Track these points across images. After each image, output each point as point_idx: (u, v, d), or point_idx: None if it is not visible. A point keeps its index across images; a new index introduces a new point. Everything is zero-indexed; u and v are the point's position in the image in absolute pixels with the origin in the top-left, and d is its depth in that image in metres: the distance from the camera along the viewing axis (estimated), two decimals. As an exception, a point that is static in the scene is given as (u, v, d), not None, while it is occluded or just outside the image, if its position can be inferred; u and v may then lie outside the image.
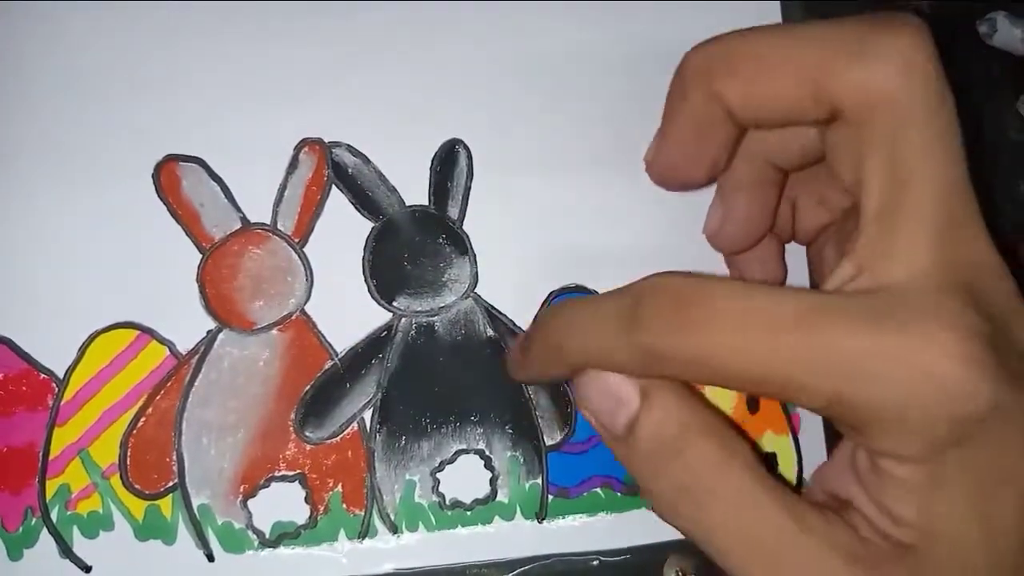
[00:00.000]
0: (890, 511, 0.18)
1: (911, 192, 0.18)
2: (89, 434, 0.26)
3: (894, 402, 0.17)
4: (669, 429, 0.20)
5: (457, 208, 0.28)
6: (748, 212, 0.25)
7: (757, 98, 0.21)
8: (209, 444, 0.26)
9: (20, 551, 0.25)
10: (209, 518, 0.26)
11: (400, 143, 0.28)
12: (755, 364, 0.18)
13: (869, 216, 0.19)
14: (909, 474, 0.18)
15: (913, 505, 0.18)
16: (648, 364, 0.19)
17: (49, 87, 0.28)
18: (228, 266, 0.27)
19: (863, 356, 0.17)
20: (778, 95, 0.20)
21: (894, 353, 0.17)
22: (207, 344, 0.27)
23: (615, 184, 0.29)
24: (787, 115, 0.21)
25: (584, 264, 0.29)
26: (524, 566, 0.27)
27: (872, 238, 0.19)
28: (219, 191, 0.28)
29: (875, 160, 0.19)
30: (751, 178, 0.25)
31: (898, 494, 0.18)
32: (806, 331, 0.17)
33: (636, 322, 0.19)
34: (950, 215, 0.18)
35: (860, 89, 0.19)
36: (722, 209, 0.26)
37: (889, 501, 0.18)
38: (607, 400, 0.20)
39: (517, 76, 0.29)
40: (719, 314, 0.18)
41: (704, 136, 0.22)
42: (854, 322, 0.17)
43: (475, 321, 0.28)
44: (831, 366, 0.17)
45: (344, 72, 0.29)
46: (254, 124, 0.28)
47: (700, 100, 0.22)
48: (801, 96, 0.20)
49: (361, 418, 0.27)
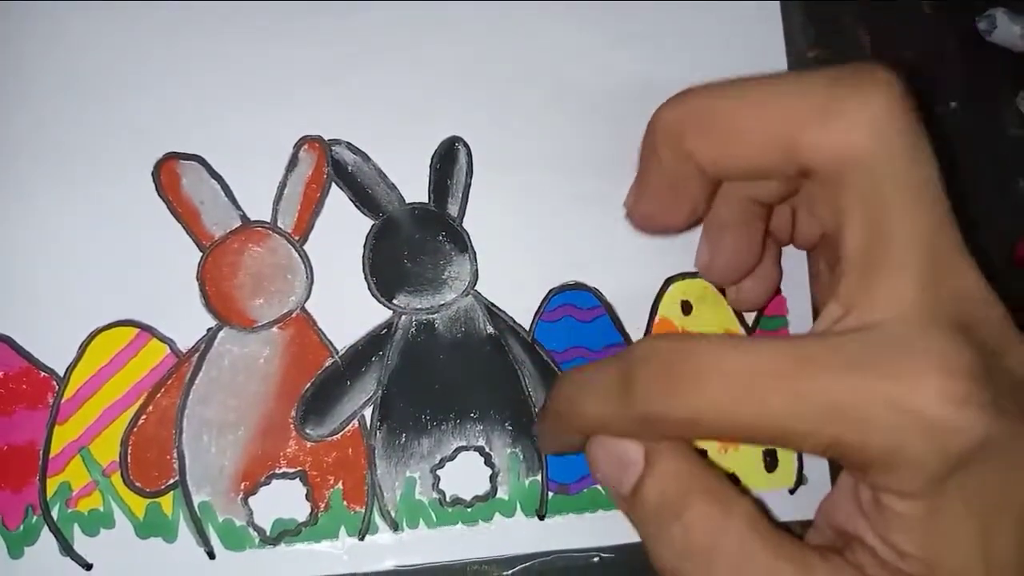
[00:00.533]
0: (895, 545, 0.19)
1: (892, 240, 0.19)
2: (90, 432, 0.26)
3: (888, 444, 0.17)
4: (671, 492, 0.20)
5: (457, 206, 0.28)
6: (735, 248, 0.26)
7: (728, 159, 0.21)
8: (210, 442, 0.26)
9: (21, 549, 0.25)
10: (210, 515, 0.26)
11: (400, 141, 0.28)
12: (748, 418, 0.18)
13: (851, 262, 0.19)
14: (910, 509, 0.18)
15: (916, 539, 0.18)
16: (645, 429, 0.20)
17: (49, 86, 0.28)
18: (228, 264, 0.27)
19: (854, 402, 0.17)
20: (749, 156, 0.21)
21: (884, 397, 0.17)
22: (207, 342, 0.27)
23: (615, 181, 0.29)
24: (759, 173, 0.21)
25: (584, 262, 0.29)
26: (524, 563, 0.27)
27: (855, 282, 0.19)
28: (219, 189, 0.28)
29: (852, 214, 0.19)
30: (735, 217, 0.25)
31: (901, 528, 0.18)
32: (795, 381, 0.18)
33: (629, 391, 0.19)
34: (933, 255, 0.19)
35: (830, 149, 0.19)
36: (709, 247, 0.26)
37: (893, 535, 0.19)
38: (613, 464, 0.21)
39: (517, 74, 0.29)
40: (708, 375, 0.18)
41: (678, 190, 0.23)
42: (842, 369, 0.18)
43: (475, 318, 0.28)
44: (823, 413, 0.17)
45: (344, 70, 0.29)
46: (254, 122, 0.28)
47: (671, 158, 0.22)
48: (772, 156, 0.20)
49: (361, 415, 0.27)
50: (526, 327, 0.28)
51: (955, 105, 0.32)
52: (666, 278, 0.29)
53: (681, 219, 0.24)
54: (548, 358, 0.28)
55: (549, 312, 0.28)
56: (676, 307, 0.29)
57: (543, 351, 0.28)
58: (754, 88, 0.21)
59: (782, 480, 0.29)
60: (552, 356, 0.28)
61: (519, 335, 0.28)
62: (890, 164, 0.19)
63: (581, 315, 0.28)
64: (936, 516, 0.18)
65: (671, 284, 0.29)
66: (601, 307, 0.29)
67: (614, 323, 0.29)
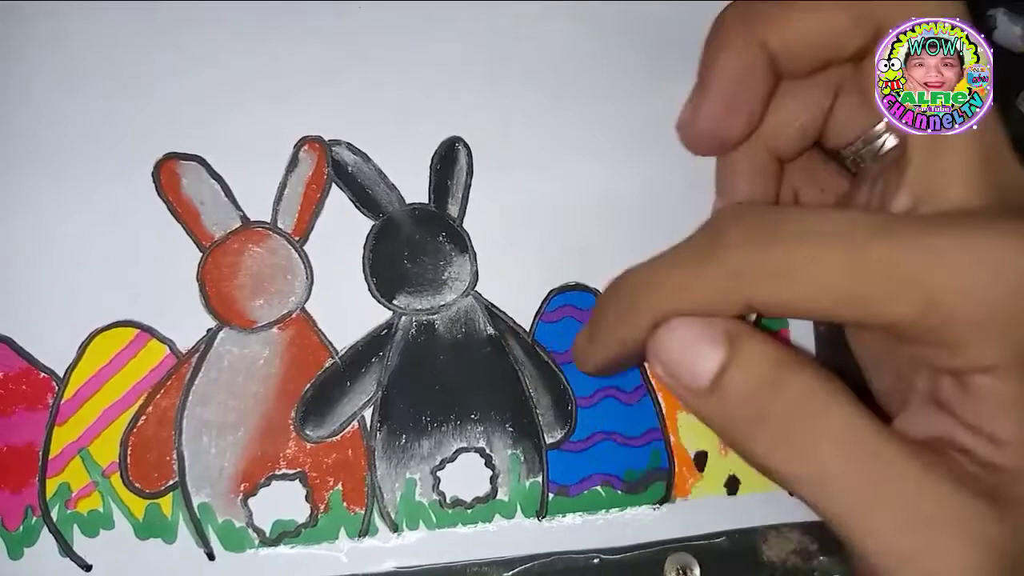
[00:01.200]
0: (989, 433, 0.18)
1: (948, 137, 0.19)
2: (89, 433, 0.26)
3: (987, 303, 0.17)
4: (763, 369, 0.19)
5: (457, 206, 0.28)
6: (749, 198, 0.25)
7: (801, 31, 0.21)
8: (209, 443, 0.26)
9: (20, 550, 0.25)
10: (209, 517, 0.26)
11: (400, 141, 0.28)
12: (844, 277, 0.17)
13: (916, 144, 0.20)
14: (1000, 386, 0.17)
15: (1011, 420, 0.17)
16: (732, 288, 0.18)
17: (50, 86, 0.28)
18: (228, 264, 0.27)
19: (954, 259, 0.17)
20: (820, 27, 0.21)
21: (985, 254, 0.17)
22: (207, 343, 0.27)
23: (615, 181, 0.29)
24: (828, 47, 0.22)
25: (584, 262, 0.29)
26: (524, 564, 0.27)
27: (924, 162, 0.19)
28: (219, 189, 0.28)
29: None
30: (751, 168, 0.25)
31: (993, 411, 0.18)
32: (892, 239, 0.17)
33: (719, 246, 0.18)
34: (989, 143, 0.19)
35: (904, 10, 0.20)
36: (723, 201, 0.26)
37: (986, 423, 0.18)
38: (689, 351, 0.19)
39: (516, 74, 0.29)
40: (804, 228, 0.18)
41: (744, 85, 0.23)
42: (938, 228, 0.17)
43: (475, 319, 0.28)
44: (921, 271, 0.17)
45: (344, 71, 0.29)
46: (254, 122, 0.28)
47: (742, 46, 0.22)
48: (844, 23, 0.21)
49: (361, 416, 0.27)
50: (526, 328, 0.28)
51: (956, 106, 0.32)
52: (667, 279, 0.29)
53: (741, 124, 0.23)
54: (549, 359, 0.28)
55: (549, 313, 0.28)
56: (676, 308, 0.29)
57: (544, 352, 0.28)
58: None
59: (782, 481, 0.29)
60: (553, 357, 0.28)
61: (519, 336, 0.28)
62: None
63: (582, 316, 0.28)
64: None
65: (672, 285, 0.29)
66: (601, 308, 0.29)
67: (614, 324, 0.29)
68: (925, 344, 0.18)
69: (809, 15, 0.21)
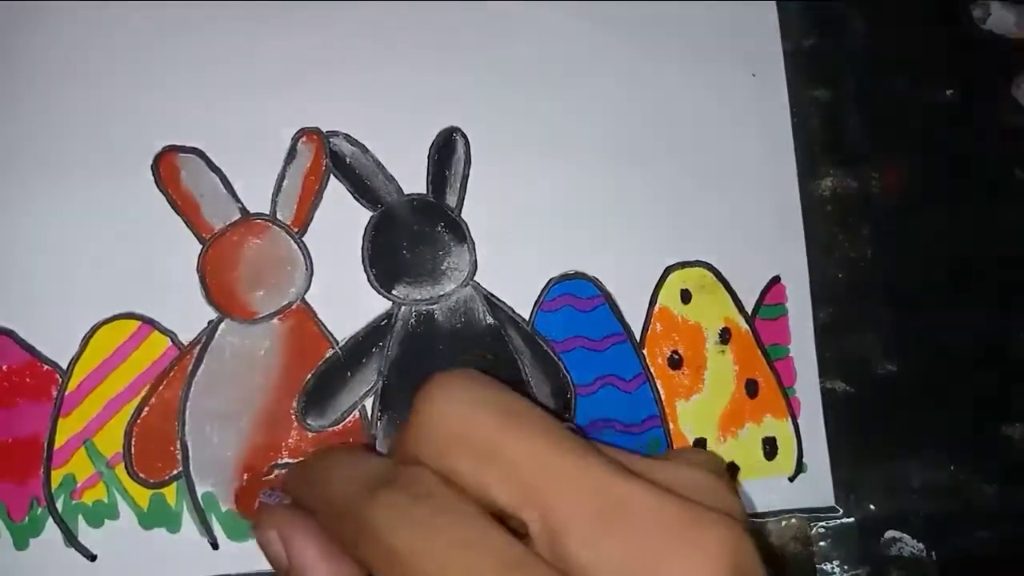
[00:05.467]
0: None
1: None
2: (93, 424, 0.26)
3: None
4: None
5: (455, 196, 0.29)
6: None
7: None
8: (212, 433, 0.27)
9: (26, 540, 0.26)
10: (213, 506, 0.26)
11: (398, 132, 0.28)
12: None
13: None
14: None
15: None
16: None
17: (49, 80, 0.28)
18: (228, 256, 0.27)
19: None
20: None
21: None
22: (208, 334, 0.27)
23: (613, 170, 0.29)
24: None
25: (583, 251, 0.29)
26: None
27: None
28: (218, 182, 0.28)
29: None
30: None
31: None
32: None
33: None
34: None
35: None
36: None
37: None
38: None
39: (514, 63, 0.30)
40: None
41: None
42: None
43: (474, 309, 0.28)
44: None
45: (341, 61, 0.29)
46: (252, 114, 0.28)
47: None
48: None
49: (362, 406, 0.27)
50: (526, 317, 0.28)
51: (951, 93, 0.33)
52: (666, 267, 0.29)
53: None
54: (548, 348, 0.28)
55: (549, 302, 0.29)
56: (676, 296, 0.29)
57: (543, 341, 0.28)
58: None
59: (781, 468, 0.29)
60: (552, 346, 0.28)
61: (519, 325, 0.28)
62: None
63: (581, 304, 0.29)
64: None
65: (671, 273, 0.29)
66: (601, 296, 0.29)
67: (614, 312, 0.29)
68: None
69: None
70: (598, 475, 0.17)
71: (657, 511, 0.17)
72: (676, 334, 0.29)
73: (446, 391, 0.19)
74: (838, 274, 0.31)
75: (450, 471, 0.18)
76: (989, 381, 0.31)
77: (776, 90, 0.31)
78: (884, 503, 0.30)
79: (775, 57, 0.31)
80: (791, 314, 0.30)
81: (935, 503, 0.30)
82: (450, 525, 0.17)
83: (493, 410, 0.18)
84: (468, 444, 0.18)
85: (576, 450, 0.18)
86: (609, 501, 0.17)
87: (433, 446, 0.18)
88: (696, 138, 0.30)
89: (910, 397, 0.30)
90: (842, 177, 0.31)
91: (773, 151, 0.31)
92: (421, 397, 0.19)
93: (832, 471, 0.29)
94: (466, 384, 0.19)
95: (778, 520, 0.29)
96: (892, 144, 0.32)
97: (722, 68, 0.31)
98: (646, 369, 0.29)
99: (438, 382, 0.19)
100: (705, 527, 0.17)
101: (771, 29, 0.31)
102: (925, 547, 0.30)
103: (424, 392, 0.19)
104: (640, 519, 0.17)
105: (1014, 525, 0.30)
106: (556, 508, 0.17)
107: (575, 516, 0.17)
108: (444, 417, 0.18)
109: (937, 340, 0.31)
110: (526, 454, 0.18)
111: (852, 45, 0.32)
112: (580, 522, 0.17)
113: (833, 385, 0.30)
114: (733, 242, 0.30)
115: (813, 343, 0.30)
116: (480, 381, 0.19)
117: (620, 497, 0.17)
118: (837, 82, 0.32)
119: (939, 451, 0.30)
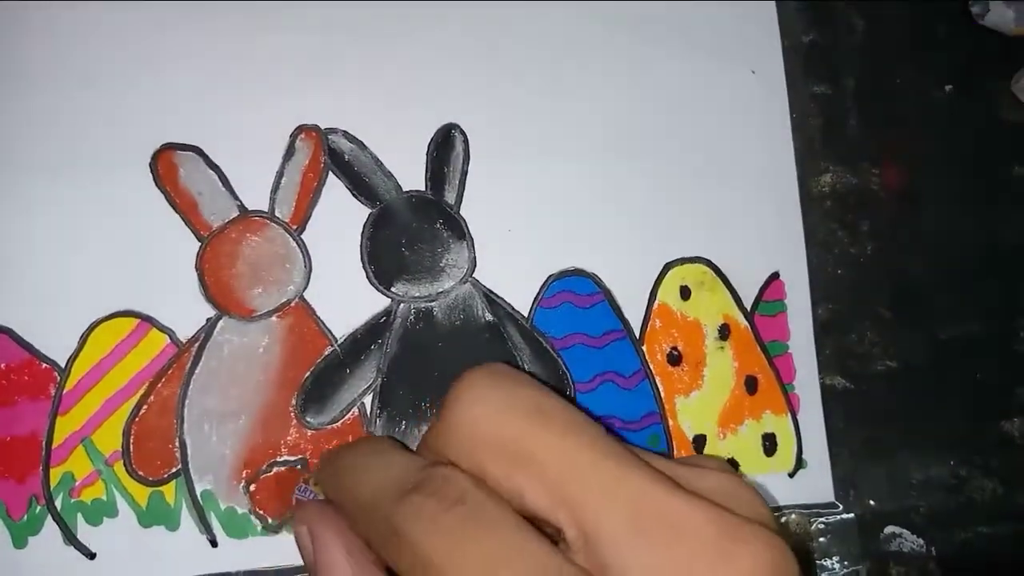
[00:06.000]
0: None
1: None
2: (92, 422, 0.26)
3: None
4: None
5: (454, 193, 0.29)
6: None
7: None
8: (211, 431, 0.27)
9: (25, 538, 0.26)
10: (212, 504, 0.26)
11: (396, 129, 0.28)
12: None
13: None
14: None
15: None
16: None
17: (47, 79, 0.28)
18: (227, 254, 0.27)
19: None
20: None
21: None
22: (207, 332, 0.27)
23: (611, 167, 0.29)
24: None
25: (582, 248, 0.29)
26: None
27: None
28: (217, 179, 0.28)
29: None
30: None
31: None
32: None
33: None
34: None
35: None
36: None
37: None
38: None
39: (512, 60, 0.29)
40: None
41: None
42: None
43: (473, 306, 0.28)
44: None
45: (340, 59, 0.29)
46: (250, 112, 0.28)
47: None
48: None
49: (361, 403, 0.27)
50: (525, 314, 0.28)
51: (950, 89, 0.33)
52: (665, 263, 0.29)
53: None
54: (547, 345, 0.28)
55: (548, 298, 0.28)
56: (675, 292, 0.29)
57: (542, 338, 0.28)
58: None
59: (781, 464, 0.29)
60: (551, 343, 0.28)
61: (518, 322, 0.28)
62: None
63: (580, 301, 0.29)
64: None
65: (670, 269, 0.29)
66: (600, 293, 0.29)
67: (613, 309, 0.29)
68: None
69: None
70: (635, 480, 0.17)
71: (696, 522, 0.16)
72: (675, 330, 0.29)
73: (475, 391, 0.18)
74: (837, 270, 0.31)
75: (482, 472, 0.17)
76: (988, 377, 0.31)
77: (775, 87, 0.31)
78: (884, 499, 0.30)
79: (774, 54, 0.31)
80: (790, 310, 0.30)
81: (935, 498, 0.30)
82: (484, 535, 0.16)
83: (523, 411, 0.18)
84: (499, 447, 0.17)
85: (609, 453, 0.17)
86: (646, 508, 0.17)
87: (463, 448, 0.18)
88: (695, 134, 0.30)
89: (909, 393, 0.30)
90: (841, 173, 0.31)
91: (772, 148, 0.31)
92: (451, 397, 0.18)
93: (832, 467, 0.29)
94: (496, 382, 0.18)
95: (778, 516, 0.29)
96: (891, 140, 0.32)
97: (722, 65, 0.31)
98: (645, 366, 0.29)
99: (467, 381, 0.18)
100: (745, 541, 0.16)
101: (770, 26, 0.31)
102: (925, 542, 0.30)
103: (453, 392, 0.18)
104: (680, 530, 0.16)
105: (1014, 520, 0.30)
106: (592, 514, 0.16)
107: (611, 522, 0.16)
108: (474, 419, 0.18)
109: (936, 336, 0.31)
110: (558, 457, 0.17)
111: (851, 42, 0.32)
112: (616, 529, 0.16)
113: (832, 381, 0.30)
114: (732, 238, 0.30)
115: (812, 339, 0.30)
116: (510, 378, 0.19)
117: (658, 505, 0.17)
118: (836, 79, 0.32)
119: (938, 446, 0.30)
